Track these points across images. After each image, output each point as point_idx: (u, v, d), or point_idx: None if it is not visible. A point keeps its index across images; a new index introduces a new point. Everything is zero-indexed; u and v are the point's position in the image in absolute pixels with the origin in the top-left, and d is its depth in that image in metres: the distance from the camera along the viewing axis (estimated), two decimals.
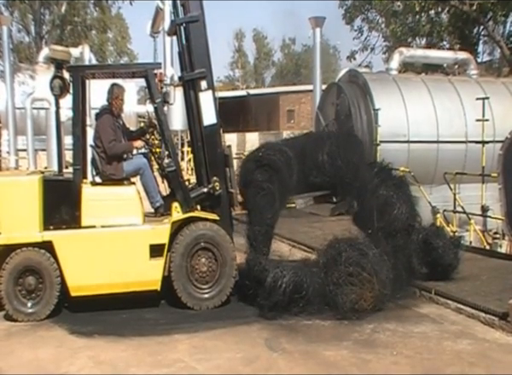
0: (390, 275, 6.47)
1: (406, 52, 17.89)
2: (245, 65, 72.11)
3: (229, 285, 6.67)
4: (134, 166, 7.03)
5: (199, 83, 6.87)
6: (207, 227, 6.67)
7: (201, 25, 6.91)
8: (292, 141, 7.62)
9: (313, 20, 19.49)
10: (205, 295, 6.60)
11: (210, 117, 6.91)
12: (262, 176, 6.85)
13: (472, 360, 5.12)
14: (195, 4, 6.91)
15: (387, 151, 14.01)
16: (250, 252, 6.81)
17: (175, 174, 6.81)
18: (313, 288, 6.30)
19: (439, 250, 7.12)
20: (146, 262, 6.47)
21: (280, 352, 5.35)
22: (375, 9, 27.14)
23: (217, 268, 6.65)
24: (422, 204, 13.36)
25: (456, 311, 6.42)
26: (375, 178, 7.24)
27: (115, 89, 7.10)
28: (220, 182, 6.86)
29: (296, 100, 35.13)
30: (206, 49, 6.94)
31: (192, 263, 6.59)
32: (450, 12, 25.32)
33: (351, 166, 7.11)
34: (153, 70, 6.85)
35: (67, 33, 34.62)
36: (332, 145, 7.17)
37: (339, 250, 6.42)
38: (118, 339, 5.74)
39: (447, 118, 15.12)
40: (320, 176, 7.07)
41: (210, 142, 6.94)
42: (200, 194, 6.89)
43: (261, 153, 7.01)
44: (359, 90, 15.09)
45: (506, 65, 24.65)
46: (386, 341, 5.58)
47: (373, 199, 7.04)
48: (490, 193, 11.91)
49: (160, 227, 6.63)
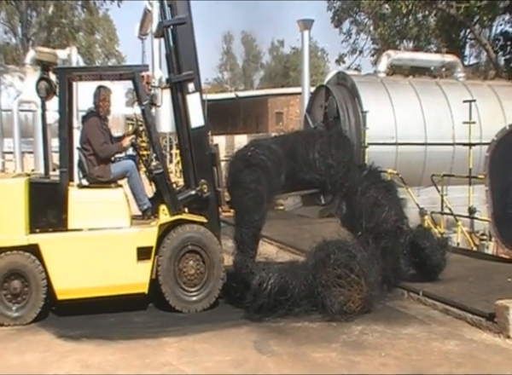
0: (378, 277, 6.49)
1: (394, 55, 17.99)
2: (233, 67, 72.11)
3: (218, 287, 6.65)
4: (121, 168, 6.99)
5: (186, 86, 6.85)
6: (195, 230, 6.65)
7: (189, 28, 6.89)
8: (282, 139, 7.59)
9: (301, 22, 19.52)
10: (193, 298, 6.58)
11: (197, 119, 6.89)
12: (250, 177, 6.82)
13: (459, 360, 5.15)
14: (183, 6, 6.88)
15: (375, 153, 14.06)
16: (237, 254, 6.80)
17: (162, 176, 6.78)
18: (299, 290, 6.29)
19: (427, 251, 7.16)
20: (133, 265, 6.44)
21: (269, 354, 5.34)
22: (364, 12, 27.29)
23: (205, 270, 6.63)
24: (410, 205, 13.55)
25: (444, 312, 6.45)
26: (365, 180, 7.26)
27: (102, 91, 7.06)
28: (208, 184, 6.85)
29: (285, 103, 35.18)
30: (194, 51, 6.93)
31: (180, 266, 6.57)
32: (437, 15, 25.54)
33: (341, 166, 7.13)
34: (140, 72, 6.82)
35: (55, 35, 34.43)
36: (323, 143, 7.19)
37: (327, 252, 6.42)
38: (106, 343, 5.71)
39: (435, 121, 15.22)
40: (310, 173, 7.07)
41: (197, 144, 6.92)
42: (187, 197, 6.87)
43: (250, 152, 6.97)
44: (347, 93, 15.14)
45: (492, 68, 24.87)
46: (374, 342, 5.59)
47: (363, 201, 7.06)
48: (477, 195, 11.97)
49: (147, 229, 6.60)
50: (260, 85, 64.71)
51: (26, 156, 19.64)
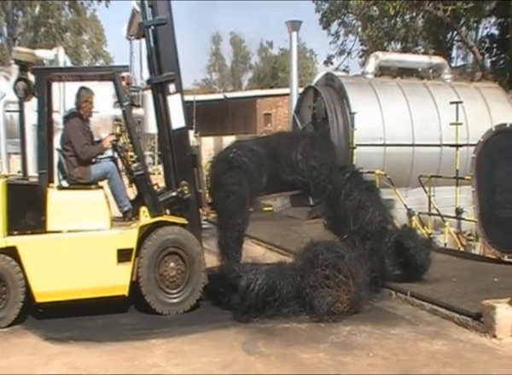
0: (366, 278, 6.51)
1: (382, 56, 18.04)
2: (222, 68, 72.05)
3: (198, 289, 6.62)
4: (102, 170, 6.93)
5: (167, 87, 6.79)
6: (176, 232, 6.62)
7: (170, 28, 6.83)
8: (265, 140, 7.59)
9: (290, 23, 19.55)
10: (173, 300, 6.54)
11: (178, 120, 6.84)
12: (232, 179, 6.80)
13: (447, 360, 5.18)
14: (164, 7, 6.82)
15: (364, 154, 14.13)
16: (223, 259, 6.76)
17: (143, 178, 6.73)
18: (287, 290, 6.30)
19: (411, 251, 7.18)
20: (113, 267, 6.38)
21: (257, 355, 5.35)
22: (352, 14, 27.39)
23: (185, 272, 6.59)
24: (398, 206, 13.63)
25: (432, 312, 6.49)
26: (348, 182, 7.27)
27: (83, 92, 6.99)
28: (189, 186, 6.80)
29: (273, 104, 35.23)
30: (175, 52, 6.89)
31: (160, 268, 6.52)
32: (424, 17, 25.69)
33: (324, 167, 7.14)
34: (120, 73, 6.78)
35: (41, 35, 34.26)
36: (306, 145, 7.18)
37: (315, 253, 6.43)
38: (94, 345, 5.68)
39: (422, 122, 15.30)
40: (293, 175, 7.06)
41: (178, 146, 6.86)
42: (168, 198, 6.82)
43: (232, 154, 6.95)
44: (336, 94, 15.18)
45: (479, 69, 25.05)
46: (362, 343, 5.62)
47: (347, 204, 7.07)
48: (464, 196, 12.04)
49: (127, 231, 6.54)
50: (249, 86, 64.74)
51: (12, 157, 19.50)
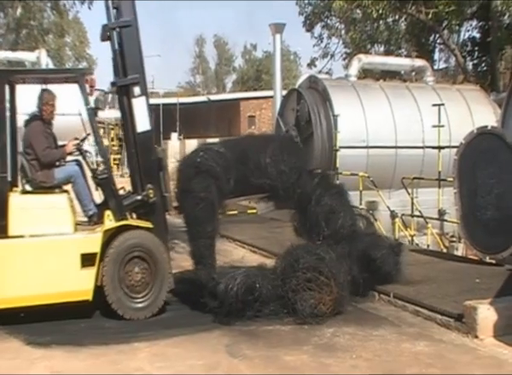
0: (347, 277, 6.53)
1: (365, 59, 18.16)
2: (206, 70, 72.01)
3: (164, 294, 6.57)
4: (65, 174, 6.83)
5: (132, 90, 6.71)
6: (140, 236, 6.54)
7: (134, 31, 6.75)
8: (233, 142, 7.53)
9: (273, 26, 19.61)
10: (138, 304, 6.46)
11: (143, 123, 6.74)
12: (201, 185, 6.73)
13: (429, 361, 5.21)
14: (128, 9, 6.74)
15: (347, 156, 14.21)
16: (199, 269, 6.69)
17: (107, 181, 6.65)
18: (267, 289, 6.31)
19: (377, 262, 7.13)
20: (77, 272, 6.28)
21: (240, 358, 5.34)
22: (335, 16, 27.48)
23: (151, 276, 6.52)
24: (381, 208, 13.72)
25: (414, 313, 6.53)
26: (317, 187, 7.24)
27: (45, 94, 6.87)
28: (155, 190, 6.72)
29: (257, 106, 35.27)
30: (140, 54, 6.82)
31: (125, 272, 6.44)
32: (407, 20, 25.85)
33: (293, 172, 7.10)
34: (83, 75, 6.71)
35: (23, 37, 33.97)
36: (275, 148, 7.13)
37: (296, 257, 6.43)
38: (76, 349, 5.63)
39: (405, 124, 15.41)
40: (262, 178, 7.00)
41: (144, 149, 6.76)
42: (133, 202, 6.74)
43: (199, 159, 6.88)
44: (319, 96, 15.25)
45: (461, 72, 25.27)
46: (345, 344, 5.63)
47: (318, 209, 7.04)
48: (446, 197, 12.17)
49: (91, 235, 6.43)
50: (233, 89, 64.77)
51: None
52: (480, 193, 8.53)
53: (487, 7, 22.02)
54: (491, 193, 8.37)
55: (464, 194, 8.79)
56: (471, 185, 8.67)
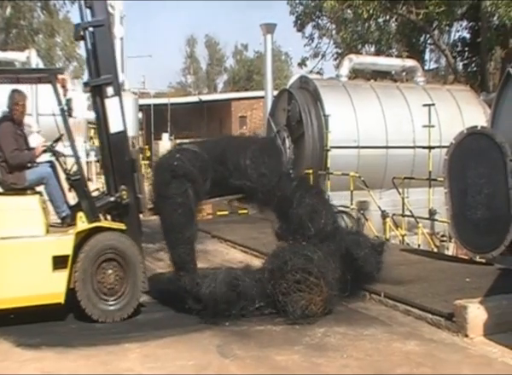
0: (336, 275, 6.53)
1: (356, 59, 18.19)
2: (197, 71, 71.88)
3: (137, 296, 6.52)
4: (37, 175, 6.73)
5: (105, 90, 6.66)
6: (114, 238, 6.49)
7: (107, 30, 6.71)
8: (212, 143, 7.41)
9: (264, 26, 19.61)
10: (110, 307, 6.40)
11: (116, 124, 6.70)
12: (178, 190, 6.64)
13: (420, 360, 5.23)
14: (101, 8, 6.69)
15: (338, 156, 14.24)
16: (182, 276, 6.60)
17: (79, 183, 6.59)
18: (250, 285, 6.32)
19: (359, 261, 7.12)
20: (49, 275, 6.21)
21: (232, 358, 5.34)
22: (326, 16, 27.54)
23: (124, 279, 6.47)
24: (372, 208, 13.75)
25: (405, 313, 6.56)
26: (297, 190, 7.20)
27: (15, 95, 6.78)
28: (128, 191, 6.66)
29: (248, 107, 35.25)
30: (112, 54, 6.81)
31: (98, 274, 6.38)
32: (397, 20, 25.94)
33: (274, 175, 7.05)
34: (55, 75, 6.64)
35: (13, 37, 33.80)
36: (256, 150, 7.08)
37: (284, 260, 6.41)
38: (67, 350, 5.61)
39: (396, 124, 15.46)
40: (241, 180, 6.94)
41: (117, 150, 6.71)
42: (106, 203, 6.68)
43: (176, 162, 6.77)
44: (310, 96, 15.26)
45: (451, 72, 25.40)
46: (336, 344, 5.65)
47: (300, 211, 6.99)
48: (437, 197, 12.20)
49: (63, 238, 6.37)
50: (224, 89, 64.73)
51: None
52: (470, 192, 8.57)
53: (477, 7, 22.13)
54: (481, 192, 8.42)
55: (454, 194, 8.83)
56: (461, 185, 8.71)
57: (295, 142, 15.43)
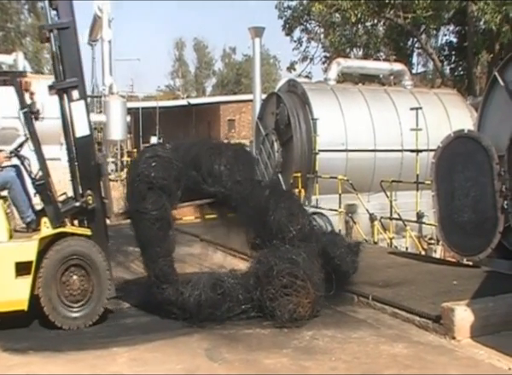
0: (321, 274, 6.54)
1: (344, 62, 18.29)
2: (186, 74, 71.88)
3: (103, 303, 6.41)
4: (1, 180, 6.62)
5: (70, 93, 6.57)
6: (79, 243, 6.38)
7: (72, 33, 6.59)
8: (184, 147, 7.22)
9: (253, 30, 19.67)
10: (76, 313, 6.30)
11: (82, 128, 6.60)
12: (156, 205, 6.54)
13: (407, 362, 5.25)
14: (66, 10, 6.58)
15: (326, 160, 14.31)
16: (166, 288, 6.50)
17: (44, 187, 6.49)
18: (234, 287, 6.31)
19: (336, 260, 7.14)
20: (11, 281, 6.10)
21: (220, 362, 5.33)
22: (314, 20, 27.65)
23: (89, 285, 6.37)
24: (360, 211, 13.81)
25: (393, 315, 6.58)
26: (271, 197, 7.15)
27: None
28: (94, 196, 6.56)
29: (237, 110, 35.31)
30: (78, 57, 6.67)
31: (62, 281, 6.29)
32: (385, 24, 26.11)
33: (248, 182, 7.01)
34: (17, 78, 6.55)
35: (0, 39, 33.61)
36: (230, 157, 7.01)
37: (269, 265, 6.38)
38: (54, 354, 5.57)
39: (384, 127, 15.56)
40: (215, 187, 6.86)
41: (83, 154, 6.60)
42: (71, 208, 6.57)
43: (153, 173, 6.61)
44: (298, 100, 15.32)
45: (438, 76, 25.58)
46: (324, 347, 5.65)
47: (276, 216, 6.95)
48: (425, 200, 12.28)
49: (26, 243, 6.24)
50: (212, 92, 64.76)
51: None
52: (457, 195, 8.63)
53: (464, 12, 22.34)
54: (468, 195, 8.47)
55: (442, 197, 8.87)
56: (448, 188, 8.76)
57: (284, 146, 15.48)
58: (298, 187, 14.37)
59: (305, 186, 14.61)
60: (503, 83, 8.57)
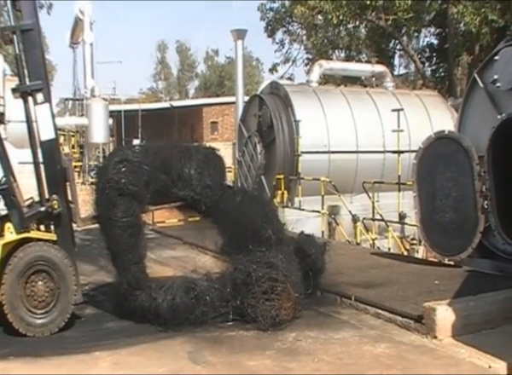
0: (298, 273, 6.55)
1: (326, 64, 18.39)
2: (168, 76, 71.74)
3: (68, 309, 6.28)
4: None
5: (35, 96, 6.46)
6: (44, 249, 6.25)
7: (36, 35, 6.48)
8: (154, 150, 7.09)
9: (235, 32, 19.69)
10: (42, 320, 6.16)
11: (48, 131, 6.50)
12: (127, 213, 6.46)
13: (390, 362, 5.28)
14: (30, 12, 6.45)
15: (309, 161, 14.36)
16: (140, 294, 6.43)
17: (7, 192, 6.37)
18: (209, 290, 6.30)
19: (313, 257, 7.19)
20: None
21: (203, 364, 5.31)
22: (296, 22, 27.76)
23: (54, 291, 6.23)
24: (343, 212, 13.87)
25: (375, 316, 6.60)
26: (242, 203, 7.14)
27: None
28: (60, 200, 6.46)
29: (219, 112, 35.27)
30: (42, 59, 6.58)
31: (26, 287, 6.14)
32: (367, 26, 26.28)
33: (218, 187, 6.97)
34: None
35: None
36: (200, 161, 6.94)
37: (247, 271, 6.33)
38: (35, 360, 5.50)
39: (366, 129, 15.66)
40: (185, 190, 6.79)
41: (48, 158, 6.49)
42: (36, 213, 6.43)
43: (123, 179, 6.49)
44: (281, 102, 15.36)
45: (420, 78, 25.78)
46: (307, 348, 5.66)
47: (248, 219, 6.95)
48: (407, 201, 12.36)
49: None
50: (195, 95, 64.67)
51: None
52: (438, 196, 8.69)
53: (444, 14, 22.55)
54: (449, 196, 8.54)
55: (423, 198, 8.93)
56: (430, 188, 8.82)
57: (266, 148, 15.51)
58: (281, 188, 14.40)
59: (287, 187, 14.65)
60: (482, 84, 8.65)
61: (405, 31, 24.96)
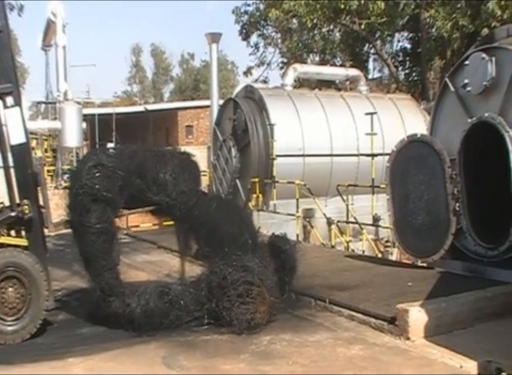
0: (273, 277, 6.58)
1: (300, 68, 18.47)
2: (143, 80, 71.38)
3: (40, 315, 6.20)
4: None
5: (5, 100, 6.38)
6: (14, 254, 6.17)
7: (5, 37, 6.34)
8: (128, 154, 7.00)
9: (209, 35, 19.66)
10: (9, 327, 6.05)
11: (18, 135, 6.40)
12: (101, 219, 6.42)
13: (363, 364, 5.33)
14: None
15: (284, 165, 14.41)
16: (113, 301, 6.39)
17: None
18: (183, 294, 6.30)
19: (288, 252, 7.28)
20: None
21: (178, 369, 5.31)
22: (271, 26, 27.84)
23: (25, 297, 6.14)
24: (318, 215, 13.94)
25: (349, 318, 6.65)
26: (218, 210, 7.15)
27: None
28: (31, 205, 6.36)
29: (195, 116, 35.16)
30: (12, 62, 6.48)
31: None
32: (341, 30, 26.47)
33: (193, 193, 6.93)
34: None
35: None
36: (176, 166, 6.90)
37: (223, 275, 6.34)
38: (8, 367, 5.43)
39: (340, 132, 15.77)
40: (160, 196, 6.73)
41: (19, 163, 6.38)
42: (6, 218, 6.35)
43: (97, 185, 6.43)
44: (255, 106, 15.39)
45: (393, 81, 26.05)
46: (282, 351, 5.68)
47: (225, 225, 6.97)
48: (381, 204, 12.46)
49: None
50: (170, 98, 64.40)
51: None
52: (411, 198, 8.80)
53: (417, 19, 22.82)
54: (422, 198, 8.65)
55: (396, 200, 9.03)
56: (403, 191, 8.92)
57: (241, 151, 15.52)
58: (256, 192, 14.42)
59: (262, 191, 14.68)
60: (453, 88, 8.78)
61: (379, 35, 25.21)
